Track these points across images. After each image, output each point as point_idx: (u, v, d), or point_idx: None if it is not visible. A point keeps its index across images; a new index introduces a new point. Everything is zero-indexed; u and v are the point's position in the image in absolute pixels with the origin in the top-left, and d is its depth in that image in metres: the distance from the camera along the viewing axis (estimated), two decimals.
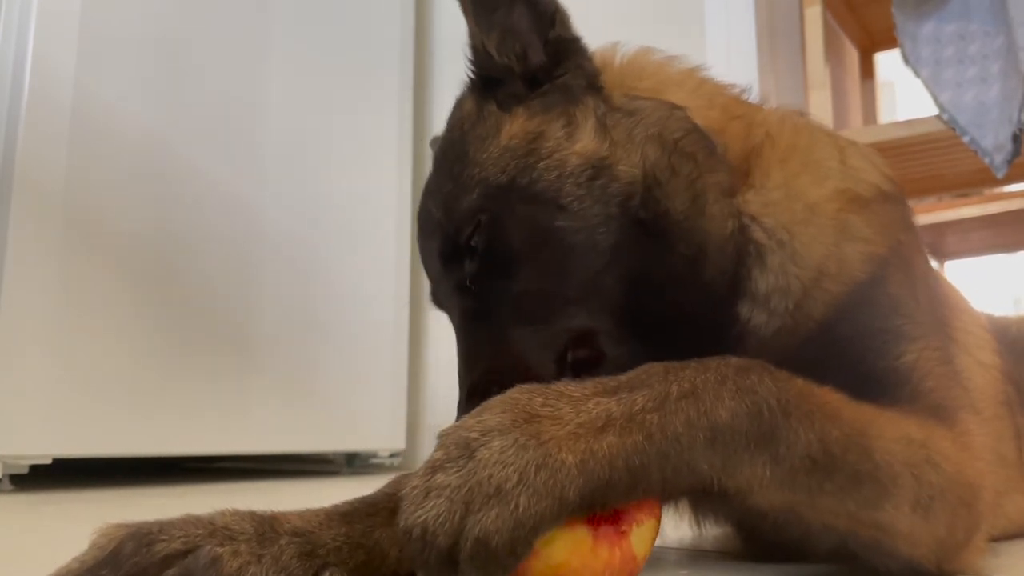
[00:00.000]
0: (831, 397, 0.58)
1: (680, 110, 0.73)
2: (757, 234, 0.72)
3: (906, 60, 1.90)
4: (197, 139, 1.97)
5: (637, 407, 0.51)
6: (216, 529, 0.50)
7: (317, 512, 0.56)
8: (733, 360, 0.56)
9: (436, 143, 0.82)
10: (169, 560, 0.48)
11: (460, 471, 0.45)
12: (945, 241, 2.76)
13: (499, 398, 0.51)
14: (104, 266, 1.75)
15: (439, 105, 2.71)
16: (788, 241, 0.71)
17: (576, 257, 0.67)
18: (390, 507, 0.58)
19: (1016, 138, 1.68)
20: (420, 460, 0.76)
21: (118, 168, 1.80)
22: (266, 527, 0.52)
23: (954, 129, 1.80)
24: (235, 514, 0.52)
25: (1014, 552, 0.84)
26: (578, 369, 0.66)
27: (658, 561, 0.78)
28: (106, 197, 1.77)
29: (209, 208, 1.98)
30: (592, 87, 0.75)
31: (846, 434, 0.56)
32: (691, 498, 0.70)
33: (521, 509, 0.44)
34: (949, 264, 3.04)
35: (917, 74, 1.88)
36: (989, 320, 0.99)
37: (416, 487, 0.46)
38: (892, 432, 0.59)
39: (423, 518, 0.44)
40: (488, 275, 0.69)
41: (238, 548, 0.49)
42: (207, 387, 1.93)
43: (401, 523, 0.46)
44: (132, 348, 1.78)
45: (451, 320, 0.74)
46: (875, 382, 0.66)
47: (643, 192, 0.69)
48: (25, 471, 1.60)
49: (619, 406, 0.51)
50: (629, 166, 0.70)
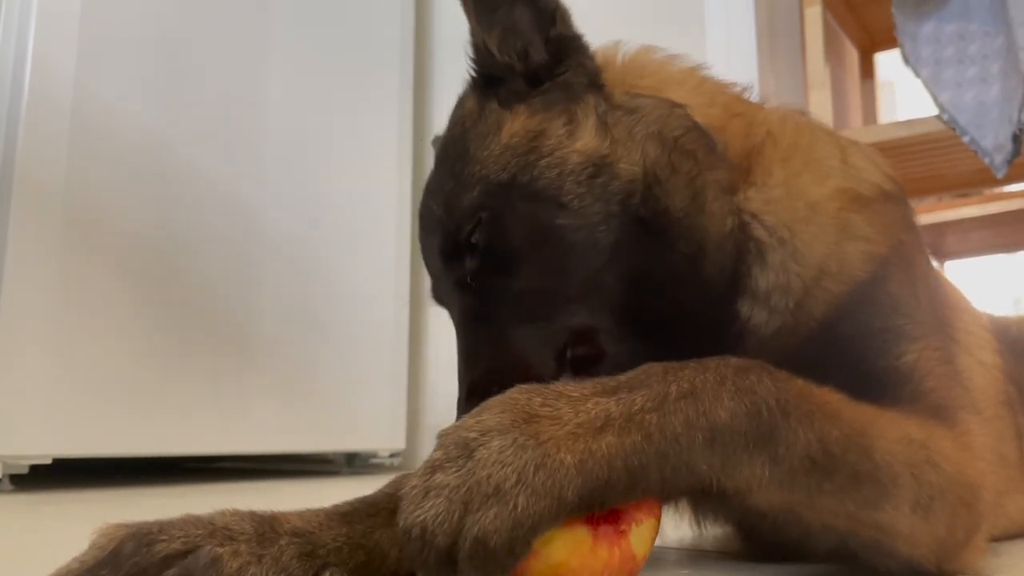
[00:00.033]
0: (831, 397, 0.58)
1: (681, 108, 0.73)
2: (758, 232, 0.72)
3: (906, 60, 1.90)
4: (197, 139, 1.97)
5: (636, 407, 0.51)
6: (216, 529, 0.50)
7: (317, 512, 0.56)
8: (732, 360, 0.56)
9: (438, 142, 0.82)
10: (169, 560, 0.48)
11: (459, 471, 0.45)
12: (945, 241, 2.76)
13: (498, 398, 0.50)
14: (104, 266, 1.75)
15: (439, 105, 2.71)
16: (789, 239, 0.71)
17: (576, 255, 0.67)
18: (390, 507, 0.57)
19: (1016, 138, 1.68)
20: (420, 460, 0.76)
21: (118, 168, 1.80)
22: (266, 527, 0.52)
23: (954, 129, 1.80)
24: (235, 514, 0.52)
25: (1015, 552, 0.84)
26: (578, 367, 0.66)
27: (658, 561, 0.78)
28: (106, 197, 1.77)
29: (209, 208, 1.98)
30: (593, 85, 0.75)
31: (846, 434, 0.56)
32: (691, 498, 0.70)
33: (520, 509, 0.44)
34: (949, 264, 3.04)
35: (917, 74, 1.87)
36: (990, 320, 0.99)
37: (415, 487, 0.46)
38: (892, 432, 0.59)
39: (422, 518, 0.44)
40: (488, 272, 0.69)
41: (238, 548, 0.49)
42: (207, 387, 1.93)
43: (400, 523, 0.46)
44: (132, 348, 1.78)
45: (451, 317, 0.74)
46: (876, 382, 0.66)
47: (643, 190, 0.69)
48: (25, 471, 1.60)
49: (618, 406, 0.51)
50: (630, 164, 0.70)
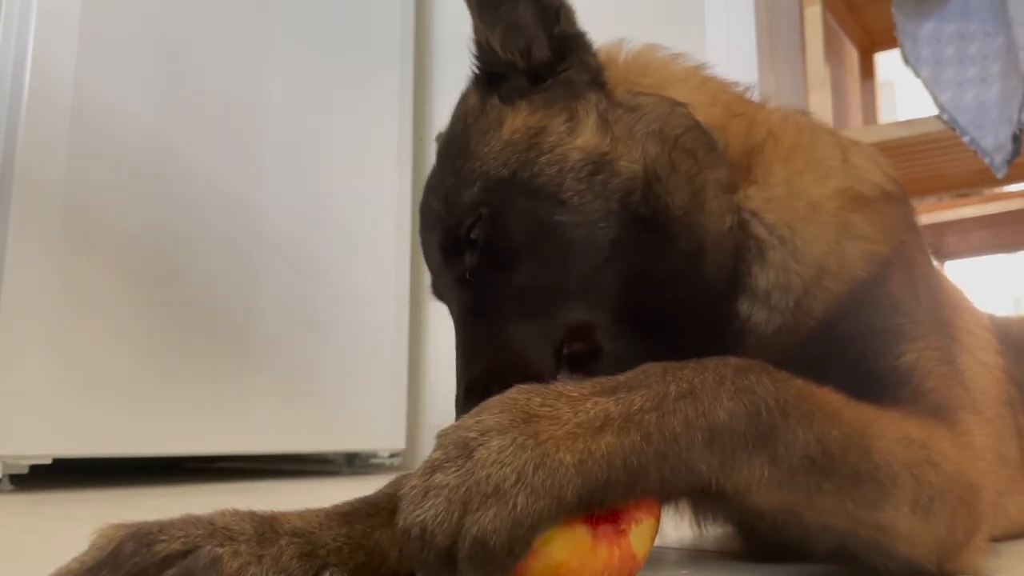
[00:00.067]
0: (830, 397, 0.58)
1: (682, 106, 0.73)
2: (758, 230, 0.72)
3: (906, 60, 1.90)
4: (197, 139, 1.97)
5: (635, 407, 0.51)
6: (216, 529, 0.50)
7: (317, 512, 0.56)
8: (732, 360, 0.56)
9: (441, 138, 0.82)
10: (169, 560, 0.48)
11: (458, 471, 0.45)
12: (945, 241, 2.76)
13: (497, 398, 0.50)
14: (104, 266, 1.75)
15: (439, 105, 2.71)
16: (789, 238, 0.71)
17: (576, 252, 0.67)
18: (390, 507, 0.57)
19: (1016, 138, 1.68)
20: (420, 460, 0.76)
21: (118, 168, 1.80)
22: (266, 527, 0.51)
23: (954, 129, 1.79)
24: (235, 514, 0.52)
25: (1015, 552, 0.84)
26: (576, 363, 0.66)
27: (658, 561, 0.78)
28: (106, 197, 1.77)
29: (209, 208, 1.97)
30: (595, 82, 0.75)
31: (845, 434, 0.56)
32: (691, 498, 0.70)
33: (519, 508, 0.44)
34: (949, 264, 3.04)
35: (917, 74, 1.87)
36: (991, 320, 0.99)
37: (415, 487, 0.46)
38: (892, 432, 0.59)
39: (422, 518, 0.44)
40: (488, 268, 0.69)
41: (238, 548, 0.49)
42: (207, 387, 1.93)
43: (400, 523, 0.46)
44: (132, 348, 1.78)
45: (451, 313, 0.74)
46: (876, 381, 0.66)
47: (643, 188, 0.69)
48: (25, 471, 1.60)
49: (617, 406, 0.51)
50: (630, 162, 0.70)
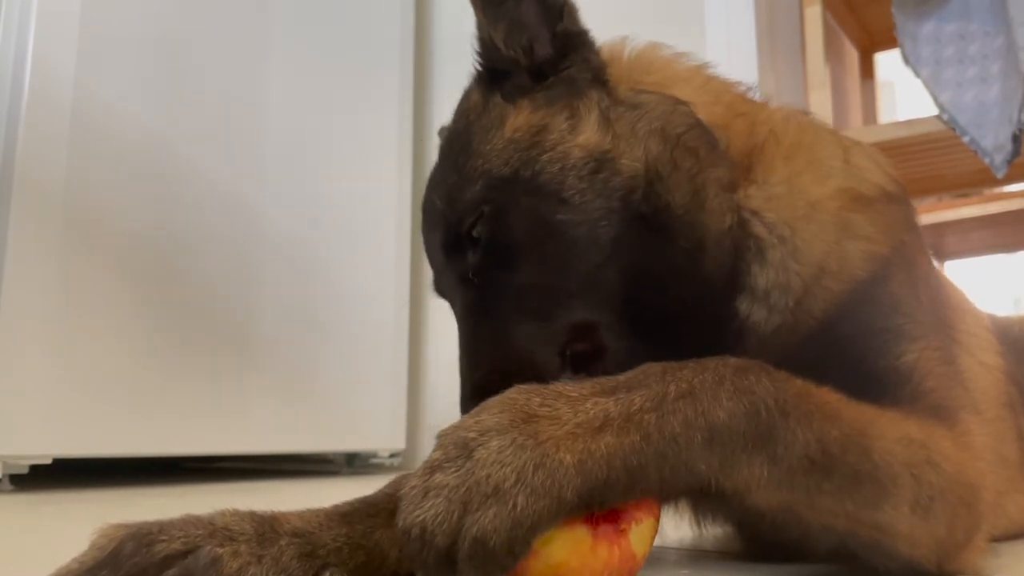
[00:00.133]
0: (830, 397, 0.58)
1: (684, 105, 0.73)
2: (758, 229, 0.72)
3: (906, 60, 1.90)
4: (197, 139, 1.97)
5: (635, 407, 0.51)
6: (216, 529, 0.50)
7: (317, 512, 0.56)
8: (731, 360, 0.56)
9: (445, 133, 0.82)
10: (169, 560, 0.48)
11: (458, 471, 0.45)
12: (945, 241, 2.76)
13: (497, 398, 0.51)
14: (104, 266, 1.75)
15: (439, 105, 2.71)
16: (789, 237, 0.71)
17: (577, 250, 0.67)
18: (390, 507, 0.57)
19: (1016, 138, 1.68)
20: (420, 460, 0.76)
21: (118, 168, 1.79)
22: (266, 527, 0.51)
23: (954, 129, 1.80)
24: (235, 514, 0.52)
25: (1015, 552, 0.84)
26: (580, 362, 0.66)
27: (658, 561, 0.78)
28: (106, 197, 1.77)
29: (209, 208, 1.97)
30: (597, 80, 0.75)
31: (845, 434, 0.56)
32: (690, 498, 0.70)
33: (519, 508, 0.44)
34: (949, 264, 3.04)
35: (917, 74, 1.87)
36: (991, 321, 0.99)
37: (415, 487, 0.46)
38: (892, 432, 0.59)
39: (421, 518, 0.44)
40: (490, 267, 0.69)
41: (238, 549, 0.49)
42: (207, 387, 1.93)
43: (400, 523, 0.46)
44: (132, 348, 1.78)
45: (453, 310, 0.74)
46: (875, 381, 0.66)
47: (645, 186, 0.69)
48: (25, 471, 1.60)
49: (617, 406, 0.51)
50: (631, 160, 0.70)
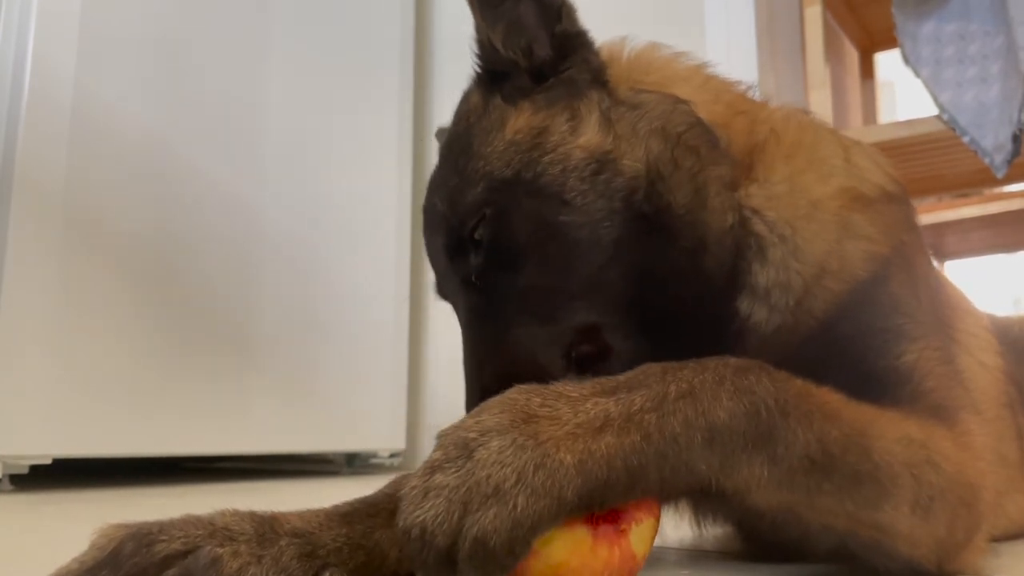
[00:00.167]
0: (830, 397, 0.58)
1: (684, 104, 0.73)
2: (759, 227, 0.72)
3: (906, 60, 1.90)
4: (197, 139, 1.97)
5: (635, 407, 0.51)
6: (216, 529, 0.50)
7: (317, 513, 0.56)
8: (732, 360, 0.56)
9: (442, 135, 0.82)
10: (169, 560, 0.48)
11: (458, 471, 0.45)
12: (945, 241, 2.76)
13: (497, 398, 0.50)
14: (104, 266, 1.75)
15: (439, 105, 2.71)
16: (790, 236, 0.71)
17: (580, 252, 0.67)
18: (390, 508, 0.57)
19: (1016, 138, 1.68)
20: (420, 460, 0.76)
21: (118, 168, 1.79)
22: (266, 528, 0.51)
23: (954, 129, 1.79)
24: (235, 514, 0.52)
25: (1015, 552, 0.84)
26: (585, 364, 0.66)
27: (658, 561, 0.78)
28: (106, 197, 1.77)
29: (209, 208, 1.97)
30: (597, 81, 0.75)
31: (845, 434, 0.56)
32: (691, 498, 0.70)
33: (519, 509, 0.44)
34: (949, 264, 3.04)
35: (917, 74, 1.87)
36: (991, 321, 0.99)
37: (415, 487, 0.46)
38: (892, 432, 0.59)
39: (422, 518, 0.44)
40: (493, 269, 0.69)
41: (238, 549, 0.49)
42: (207, 387, 1.93)
43: (400, 523, 0.46)
44: (132, 348, 1.78)
45: (456, 313, 0.74)
46: (876, 381, 0.66)
47: (646, 186, 0.69)
48: (25, 471, 1.60)
49: (617, 406, 0.51)
50: (633, 160, 0.69)
